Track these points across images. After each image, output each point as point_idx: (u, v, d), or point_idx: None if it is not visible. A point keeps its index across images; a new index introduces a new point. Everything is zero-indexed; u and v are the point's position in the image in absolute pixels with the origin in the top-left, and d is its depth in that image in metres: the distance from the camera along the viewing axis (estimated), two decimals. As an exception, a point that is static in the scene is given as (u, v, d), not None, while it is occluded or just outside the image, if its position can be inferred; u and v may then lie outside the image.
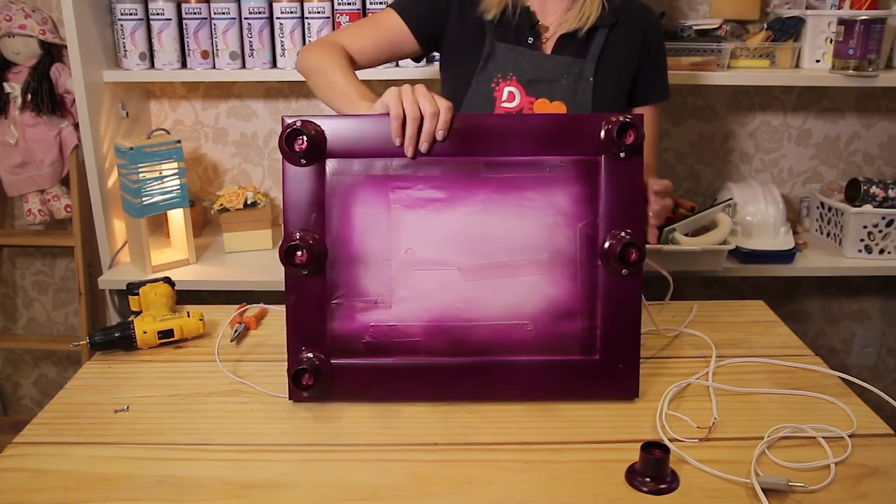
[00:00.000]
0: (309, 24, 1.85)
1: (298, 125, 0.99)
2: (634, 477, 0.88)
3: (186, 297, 1.39)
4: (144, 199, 1.75)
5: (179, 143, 1.78)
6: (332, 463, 0.93)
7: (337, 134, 1.01)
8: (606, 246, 1.02)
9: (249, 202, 1.93)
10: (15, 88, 1.95)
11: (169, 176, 1.78)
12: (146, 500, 0.86)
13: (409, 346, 1.04)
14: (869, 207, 1.91)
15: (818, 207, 2.09)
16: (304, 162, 1.01)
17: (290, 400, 1.05)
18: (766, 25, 1.93)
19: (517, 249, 1.03)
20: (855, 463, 0.92)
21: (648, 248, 1.05)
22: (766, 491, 0.84)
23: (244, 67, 1.90)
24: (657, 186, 1.08)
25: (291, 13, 1.84)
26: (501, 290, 1.03)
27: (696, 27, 1.91)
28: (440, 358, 1.04)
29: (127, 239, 1.91)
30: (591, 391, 1.06)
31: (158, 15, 1.85)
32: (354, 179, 1.02)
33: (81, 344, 1.23)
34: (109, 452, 0.94)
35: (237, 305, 1.31)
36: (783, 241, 1.93)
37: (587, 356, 1.05)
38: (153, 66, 1.90)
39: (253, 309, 1.32)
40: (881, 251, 1.93)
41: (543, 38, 1.31)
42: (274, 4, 1.85)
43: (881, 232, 1.92)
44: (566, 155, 1.02)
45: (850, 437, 0.96)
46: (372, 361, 1.04)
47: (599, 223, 1.03)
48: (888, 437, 0.98)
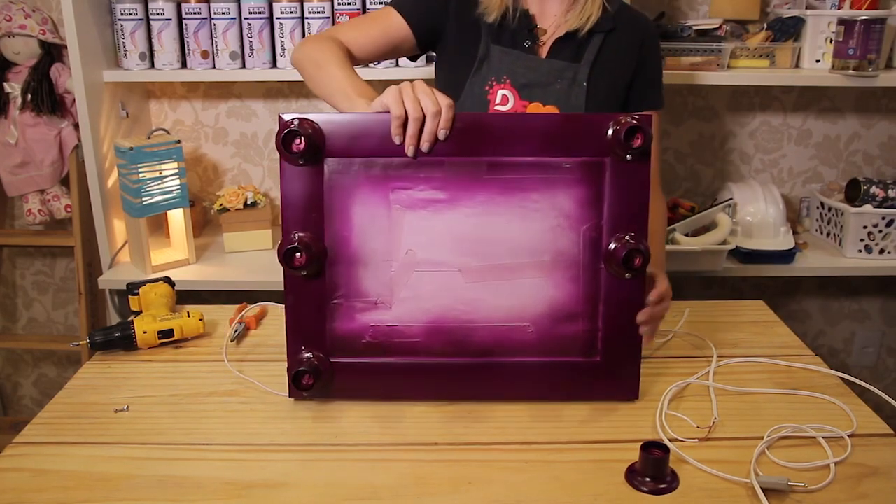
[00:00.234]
0: (309, 24, 1.85)
1: (296, 125, 0.96)
2: (634, 477, 0.88)
3: (186, 297, 1.39)
4: (144, 199, 1.75)
5: (179, 143, 1.78)
6: (332, 463, 0.93)
7: (336, 133, 0.99)
8: (611, 248, 1.00)
9: (249, 202, 1.93)
10: (15, 88, 1.95)
11: (169, 176, 1.78)
12: (146, 500, 0.86)
13: (409, 346, 1.03)
14: (869, 207, 1.91)
15: (818, 207, 2.09)
16: (301, 162, 0.98)
17: (290, 398, 1.05)
18: (766, 25, 1.93)
19: (519, 251, 1.02)
20: (855, 463, 0.92)
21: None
22: (765, 491, 0.85)
23: (244, 67, 1.90)
24: (653, 297, 1.06)
25: (291, 13, 1.84)
26: (503, 292, 1.02)
27: (696, 27, 1.91)
28: (440, 358, 1.04)
29: (127, 239, 1.91)
30: (591, 392, 1.05)
31: (158, 15, 1.85)
32: (354, 179, 1.00)
33: (81, 344, 1.23)
34: (109, 452, 0.94)
35: (237, 306, 1.31)
36: (783, 241, 1.93)
37: (588, 358, 1.04)
38: (153, 66, 1.90)
39: (253, 309, 1.32)
40: (881, 251, 1.93)
41: (540, 41, 1.29)
42: (274, 4, 1.85)
43: (881, 232, 1.92)
44: (571, 156, 0.99)
45: (849, 437, 0.96)
46: (372, 360, 1.04)
47: (604, 226, 1.01)
48: (888, 437, 0.98)
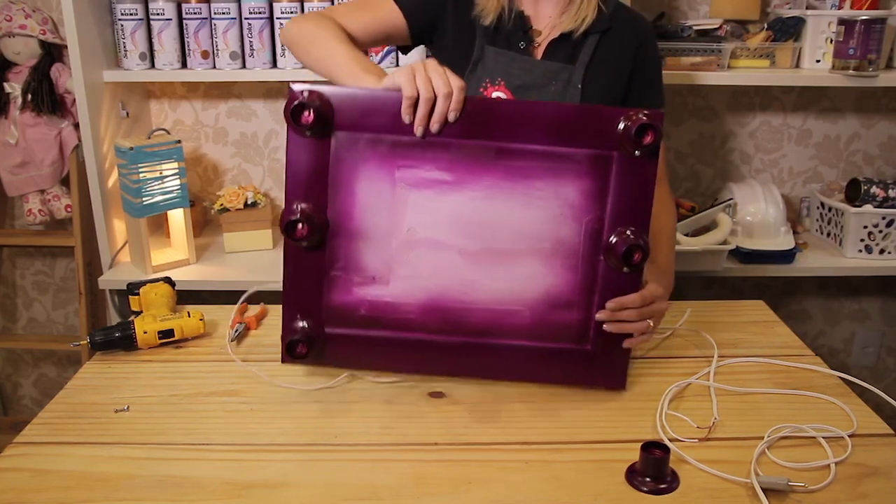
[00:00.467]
0: (309, 24, 1.85)
1: (305, 97, 0.95)
2: (634, 477, 0.88)
3: (187, 297, 1.39)
4: (145, 199, 1.75)
5: (179, 143, 1.78)
6: (332, 463, 0.93)
7: (345, 107, 0.98)
8: (611, 242, 1.01)
9: (249, 202, 1.93)
10: (15, 88, 1.95)
11: (169, 176, 1.78)
12: (146, 500, 0.86)
13: (403, 322, 1.05)
14: (869, 207, 1.91)
15: (818, 207, 2.09)
16: (309, 134, 0.98)
17: (282, 363, 1.08)
18: (766, 25, 1.93)
19: (520, 237, 1.02)
20: (855, 463, 0.92)
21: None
22: (766, 491, 0.85)
23: (244, 67, 1.90)
24: (627, 300, 1.03)
25: (292, 13, 1.84)
26: (500, 275, 1.03)
27: (696, 27, 1.91)
28: (434, 336, 1.05)
29: (127, 239, 1.91)
30: (579, 379, 1.07)
31: (158, 15, 1.85)
32: (361, 155, 1.00)
33: (81, 344, 1.23)
34: (109, 452, 0.94)
35: (238, 306, 1.31)
36: (783, 241, 1.93)
37: (579, 345, 1.05)
38: (153, 66, 1.90)
39: (253, 309, 1.32)
40: (881, 251, 1.93)
41: (535, 42, 1.29)
42: (274, 4, 1.85)
43: (881, 232, 1.92)
44: (579, 147, 0.99)
45: (850, 437, 0.96)
46: (366, 333, 1.05)
47: (606, 219, 1.01)
48: (888, 437, 0.98)
